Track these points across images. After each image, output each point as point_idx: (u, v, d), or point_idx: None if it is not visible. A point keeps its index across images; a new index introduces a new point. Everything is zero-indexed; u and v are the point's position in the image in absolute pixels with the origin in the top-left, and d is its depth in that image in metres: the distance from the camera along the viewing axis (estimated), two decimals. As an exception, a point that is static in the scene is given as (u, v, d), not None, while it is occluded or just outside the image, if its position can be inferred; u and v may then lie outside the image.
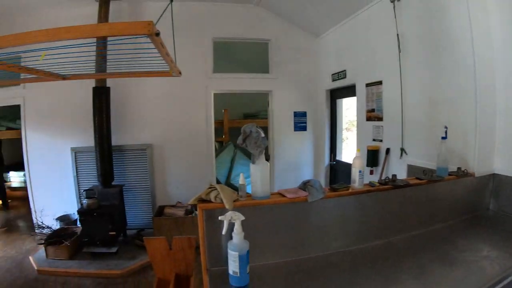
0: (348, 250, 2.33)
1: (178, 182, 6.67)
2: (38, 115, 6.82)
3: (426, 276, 1.93)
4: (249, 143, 2.02)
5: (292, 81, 6.83)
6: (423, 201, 2.66)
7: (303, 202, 2.14)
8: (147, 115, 6.59)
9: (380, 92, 4.60)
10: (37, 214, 6.43)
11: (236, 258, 1.82)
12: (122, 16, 6.31)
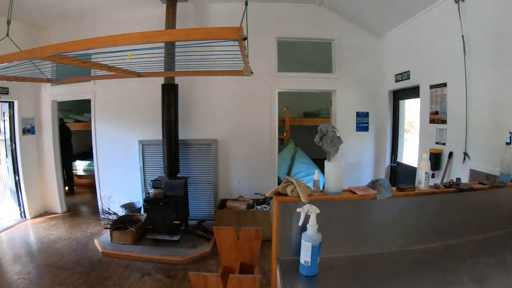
0: (409, 249, 2.42)
1: (241, 177, 6.92)
2: (107, 109, 7.30)
3: (485, 280, 2.00)
4: (325, 142, 2.18)
5: (355, 81, 6.85)
6: (485, 206, 2.66)
7: (371, 199, 2.27)
8: (213, 111, 6.88)
9: (444, 94, 4.58)
10: (104, 200, 6.91)
11: (309, 249, 1.99)
12: (188, 17, 6.69)
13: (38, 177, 7.86)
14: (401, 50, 5.96)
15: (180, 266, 5.09)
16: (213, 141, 6.82)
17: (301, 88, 7.02)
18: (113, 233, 5.84)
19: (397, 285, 2.00)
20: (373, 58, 6.77)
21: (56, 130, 7.83)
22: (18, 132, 7.27)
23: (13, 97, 7.06)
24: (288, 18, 6.68)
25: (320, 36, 6.79)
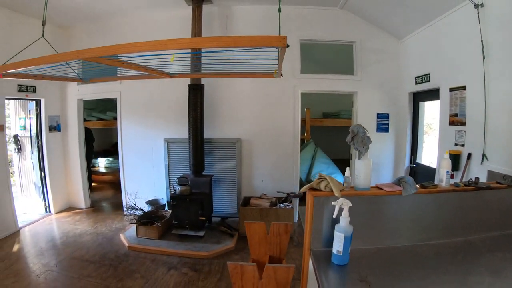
0: (431, 243, 2.63)
1: (264, 175, 7.15)
2: (132, 107, 7.59)
3: (501, 273, 2.20)
4: (356, 141, 2.40)
5: (376, 82, 6.99)
6: (502, 205, 2.84)
7: (397, 196, 2.48)
8: (237, 111, 7.10)
9: (463, 97, 4.70)
10: (129, 196, 7.30)
11: (342, 239, 2.20)
12: (213, 19, 6.92)
13: (63, 173, 8.17)
14: (421, 53, 6.07)
15: (205, 261, 5.33)
16: (237, 140, 7.05)
17: (323, 90, 7.15)
18: (139, 228, 6.11)
19: (421, 275, 2.19)
20: (393, 60, 6.91)
21: (82, 127, 8.13)
22: (44, 129, 7.58)
23: (40, 95, 7.37)
24: (311, 21, 6.84)
25: (341, 39, 6.94)
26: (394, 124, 7.03)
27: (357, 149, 2.43)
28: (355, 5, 6.51)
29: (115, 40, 6.78)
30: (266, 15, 6.74)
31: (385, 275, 2.20)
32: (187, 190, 6.05)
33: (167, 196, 7.40)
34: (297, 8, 6.70)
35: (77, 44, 7.55)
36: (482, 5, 4.20)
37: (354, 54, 6.99)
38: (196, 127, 6.41)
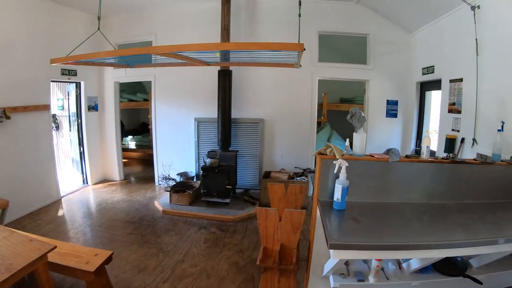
0: (414, 202, 3.42)
1: (283, 152, 8.02)
2: (165, 89, 8.54)
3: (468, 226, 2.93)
4: (354, 119, 3.28)
5: (386, 72, 7.62)
6: (477, 179, 3.46)
7: (385, 162, 3.34)
8: (261, 94, 7.95)
9: (460, 88, 5.36)
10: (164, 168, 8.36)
11: (340, 190, 3.09)
12: (240, 11, 7.71)
13: (99, 148, 9.22)
14: (428, 46, 6.73)
15: (230, 223, 6.30)
16: (261, 120, 7.92)
17: (338, 77, 7.88)
18: (172, 195, 7.11)
19: (399, 221, 3.05)
20: (403, 52, 7.54)
21: (118, 108, 9.12)
22: (84, 109, 8.55)
23: (80, 78, 8.30)
24: (328, 14, 7.49)
25: (356, 31, 7.60)
26: (402, 110, 7.69)
27: (355, 125, 3.31)
28: (369, 0, 7.14)
29: (149, 29, 7.78)
30: (288, 7, 7.41)
31: (371, 218, 3.05)
32: (216, 163, 7.00)
33: (196, 169, 8.37)
34: (316, 2, 7.36)
35: (112, 32, 8.33)
36: (479, 7, 4.82)
37: (367, 45, 7.66)
38: (224, 108, 7.30)
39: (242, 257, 5.01)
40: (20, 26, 6.47)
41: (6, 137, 6.28)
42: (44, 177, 7.33)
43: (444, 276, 3.19)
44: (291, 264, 3.50)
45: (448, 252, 2.63)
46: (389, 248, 2.57)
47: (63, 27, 7.57)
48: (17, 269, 2.62)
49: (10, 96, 6.32)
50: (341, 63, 7.91)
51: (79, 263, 3.55)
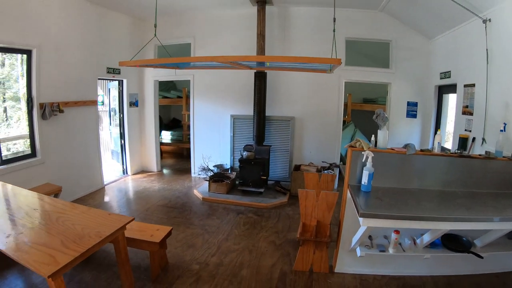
0: (427, 189, 4.25)
1: (311, 148, 8.80)
2: (203, 88, 9.44)
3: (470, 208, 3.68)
4: (379, 119, 4.14)
5: (407, 75, 8.20)
6: (482, 171, 4.23)
7: (403, 154, 4.18)
8: (292, 94, 8.71)
9: (473, 92, 5.89)
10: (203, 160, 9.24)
11: (367, 175, 3.95)
12: (273, 18, 8.46)
13: (139, 141, 10.22)
14: (445, 53, 7.28)
15: (265, 210, 7.16)
16: (292, 118, 8.70)
17: (363, 80, 8.56)
18: (211, 184, 8.02)
19: (415, 201, 3.87)
20: (423, 57, 8.07)
21: (157, 104, 10.12)
22: (126, 105, 9.49)
23: (123, 76, 9.26)
24: (355, 21, 8.08)
25: (380, 37, 8.23)
26: (421, 111, 8.30)
27: (379, 123, 4.17)
28: (392, 8, 7.63)
29: (188, 32, 8.73)
30: (318, 15, 8.19)
31: (391, 198, 3.89)
32: (252, 155, 7.89)
33: (230, 161, 9.27)
34: (343, 10, 7.74)
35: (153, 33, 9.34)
36: (490, 20, 5.39)
37: (390, 51, 8.26)
38: (260, 106, 8.11)
39: (278, 237, 5.86)
40: (72, 29, 7.40)
41: (59, 129, 7.23)
42: (90, 166, 8.31)
43: (451, 251, 4.02)
44: (325, 237, 4.41)
45: (452, 225, 3.42)
46: (405, 218, 3.39)
47: (108, 28, 8.56)
48: (105, 236, 3.42)
49: (63, 92, 7.26)
50: (366, 67, 8.57)
51: (145, 236, 4.45)
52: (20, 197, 4.61)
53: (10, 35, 5.98)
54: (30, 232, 3.47)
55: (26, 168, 6.50)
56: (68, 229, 3.52)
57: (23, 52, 6.42)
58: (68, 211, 4.05)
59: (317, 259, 4.62)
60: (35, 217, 3.88)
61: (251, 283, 4.45)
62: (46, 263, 2.86)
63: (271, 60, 4.39)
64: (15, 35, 6.06)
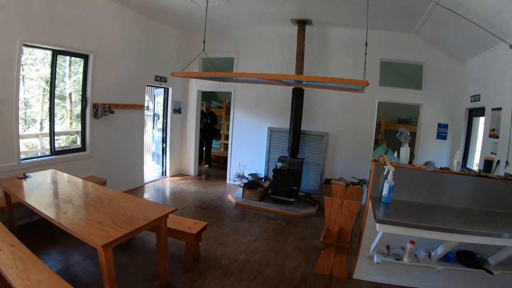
0: (443, 204, 4.49)
1: (343, 163, 9.02)
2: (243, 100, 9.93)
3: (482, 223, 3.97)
4: (402, 137, 4.49)
5: (439, 97, 8.29)
6: (500, 191, 4.37)
7: (423, 171, 4.49)
8: (327, 110, 9.02)
9: (499, 116, 5.92)
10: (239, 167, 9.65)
11: (387, 187, 4.29)
12: (312, 37, 8.83)
13: (179, 146, 10.81)
14: (475, 76, 7.33)
15: (294, 218, 7.50)
16: (325, 134, 8.99)
17: (396, 100, 8.74)
18: (245, 190, 8.44)
19: (430, 214, 4.17)
20: (455, 79, 8.14)
21: (199, 112, 10.72)
22: (170, 111, 10.08)
23: (169, 84, 9.90)
24: (389, 43, 8.40)
25: (413, 59, 8.39)
26: (451, 133, 8.33)
27: (402, 141, 4.52)
28: (426, 31, 7.76)
29: (232, 47, 9.33)
30: (354, 36, 8.47)
31: (408, 210, 4.20)
32: (286, 167, 8.24)
33: (265, 171, 9.65)
34: (378, 32, 8.17)
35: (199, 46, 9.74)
36: None
37: (423, 73, 8.38)
38: (296, 121, 8.50)
39: (303, 243, 6.21)
40: (125, 38, 8.10)
41: (108, 128, 7.87)
42: (133, 165, 8.94)
43: (464, 266, 4.23)
44: (346, 243, 4.77)
45: (462, 238, 3.64)
46: (417, 227, 3.68)
47: (157, 39, 9.23)
48: (151, 220, 3.90)
49: (114, 94, 7.93)
50: (399, 87, 8.73)
51: (183, 227, 4.92)
52: (73, 184, 5.29)
53: (72, 41, 6.68)
54: (84, 212, 4.06)
55: (75, 160, 7.17)
56: (119, 212, 4.07)
57: (82, 56, 7.12)
58: (118, 198, 4.62)
59: (337, 264, 4.97)
60: (89, 200, 4.52)
61: (274, 280, 4.82)
62: (100, 235, 3.37)
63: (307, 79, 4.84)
64: (76, 41, 6.76)
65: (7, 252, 3.65)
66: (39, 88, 8.42)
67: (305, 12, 7.87)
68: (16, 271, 3.29)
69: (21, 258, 3.55)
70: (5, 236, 4.08)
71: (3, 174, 5.61)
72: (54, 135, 6.93)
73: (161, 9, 8.01)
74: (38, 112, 8.72)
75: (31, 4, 5.84)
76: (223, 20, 8.81)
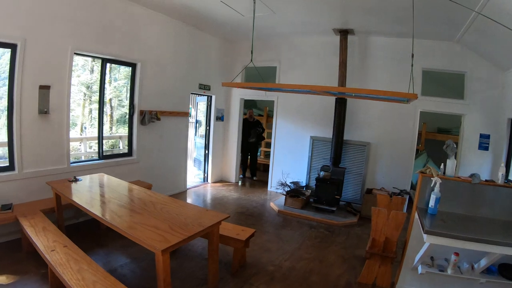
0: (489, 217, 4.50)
1: (384, 173, 9.00)
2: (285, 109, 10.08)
3: None
4: (448, 149, 4.58)
5: (481, 107, 8.07)
6: None
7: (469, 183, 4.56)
8: (368, 120, 9.03)
9: None
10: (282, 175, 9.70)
11: (434, 199, 4.37)
12: (353, 46, 8.88)
13: (221, 153, 11.08)
14: None
15: (335, 227, 7.59)
16: (367, 144, 9.07)
17: (438, 110, 8.63)
18: (288, 199, 8.58)
19: (475, 224, 4.25)
20: (497, 89, 7.93)
21: (241, 120, 10.95)
22: (213, 118, 10.36)
23: (212, 92, 10.18)
24: (431, 52, 8.28)
25: (455, 68, 8.26)
26: (493, 144, 8.07)
27: (448, 153, 4.61)
28: (468, 40, 7.65)
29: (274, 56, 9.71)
30: (396, 45, 8.51)
31: (455, 222, 4.27)
32: (328, 176, 8.35)
33: (306, 180, 9.77)
34: (420, 41, 7.74)
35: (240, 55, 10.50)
36: None
37: (465, 82, 8.26)
38: (338, 130, 8.60)
39: (346, 252, 6.31)
40: (170, 47, 8.45)
41: (154, 134, 8.22)
42: (176, 170, 9.23)
43: (507, 279, 4.24)
44: (391, 253, 4.88)
45: (505, 250, 3.68)
46: (463, 239, 3.75)
47: (201, 48, 9.56)
48: (205, 226, 4.09)
49: (160, 102, 8.27)
50: (441, 97, 8.62)
51: (232, 234, 5.12)
52: (123, 187, 5.64)
53: (121, 50, 7.10)
54: (139, 216, 4.31)
55: (122, 165, 7.51)
56: (173, 218, 4.31)
57: (129, 64, 7.50)
58: (169, 203, 4.90)
59: (381, 274, 5.08)
60: (141, 205, 4.77)
61: (319, 288, 4.97)
62: (158, 240, 3.59)
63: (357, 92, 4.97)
64: (124, 50, 7.17)
65: (60, 253, 3.96)
66: (80, 92, 8.78)
67: (347, 22, 7.97)
68: (71, 271, 3.56)
69: (75, 258, 3.85)
70: (58, 236, 4.42)
71: (54, 177, 5.98)
72: (103, 139, 7.28)
73: (205, 19, 8.32)
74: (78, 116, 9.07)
75: (82, 14, 6.23)
76: (266, 30, 9.02)
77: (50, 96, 5.85)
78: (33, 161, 5.82)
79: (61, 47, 5.95)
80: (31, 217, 4.99)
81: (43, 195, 5.87)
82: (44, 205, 5.59)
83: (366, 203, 8.23)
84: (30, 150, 5.74)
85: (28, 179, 5.73)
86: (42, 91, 5.73)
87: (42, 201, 5.80)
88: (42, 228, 4.64)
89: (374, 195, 7.77)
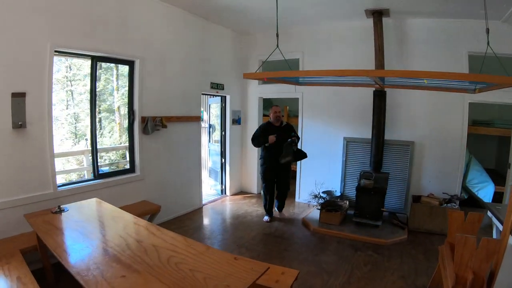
0: None
1: (431, 177, 7.94)
2: (312, 107, 9.03)
3: None
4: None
5: None
6: None
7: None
8: (411, 116, 7.97)
9: None
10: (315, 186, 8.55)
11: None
12: (388, 29, 7.80)
13: (239, 161, 10.03)
14: None
15: (384, 247, 6.45)
16: (411, 143, 7.94)
17: (492, 101, 7.61)
18: (323, 214, 7.45)
19: None
20: None
21: (260, 122, 9.80)
22: (228, 122, 9.34)
23: (226, 92, 9.15)
24: (476, 33, 7.14)
25: (504, 51, 7.02)
26: None
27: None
28: None
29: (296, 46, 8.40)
30: (436, 27, 7.53)
31: None
32: (371, 184, 7.21)
33: (340, 188, 8.68)
34: (463, 21, 7.27)
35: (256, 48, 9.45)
36: None
37: None
38: (379, 129, 7.56)
39: (406, 283, 5.19)
40: (176, 41, 7.45)
41: (160, 144, 7.20)
42: (190, 185, 8.21)
43: None
44: (482, 292, 3.70)
45: None
46: None
47: (212, 42, 8.50)
48: None
49: (166, 106, 7.25)
50: None
51: (269, 282, 3.73)
52: (120, 222, 4.27)
53: (114, 45, 6.06)
54: (136, 278, 2.84)
55: (123, 184, 6.49)
56: (186, 277, 2.81)
57: (126, 62, 6.47)
58: (181, 248, 3.41)
59: (465, 317, 3.91)
60: (141, 253, 3.27)
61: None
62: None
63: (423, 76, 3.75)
64: (118, 45, 6.14)
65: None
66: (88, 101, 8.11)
67: (382, 1, 6.98)
68: None
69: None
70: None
71: (37, 206, 4.94)
72: (97, 154, 6.31)
73: (214, 7, 7.42)
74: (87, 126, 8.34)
75: (64, 3, 5.21)
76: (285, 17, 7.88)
77: (26, 105, 4.79)
78: (7, 188, 4.75)
79: (37, 44, 4.90)
80: (6, 261, 3.88)
81: (24, 229, 4.74)
82: (25, 243, 4.51)
83: (414, 214, 7.20)
84: (2, 174, 4.68)
85: (2, 211, 4.67)
86: (16, 100, 4.67)
87: (24, 235, 4.73)
88: (16, 279, 3.46)
89: (424, 204, 7.22)
